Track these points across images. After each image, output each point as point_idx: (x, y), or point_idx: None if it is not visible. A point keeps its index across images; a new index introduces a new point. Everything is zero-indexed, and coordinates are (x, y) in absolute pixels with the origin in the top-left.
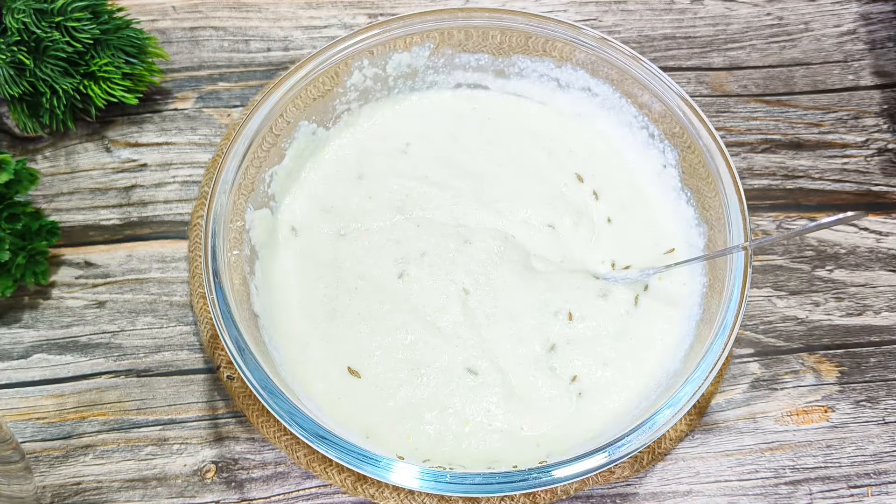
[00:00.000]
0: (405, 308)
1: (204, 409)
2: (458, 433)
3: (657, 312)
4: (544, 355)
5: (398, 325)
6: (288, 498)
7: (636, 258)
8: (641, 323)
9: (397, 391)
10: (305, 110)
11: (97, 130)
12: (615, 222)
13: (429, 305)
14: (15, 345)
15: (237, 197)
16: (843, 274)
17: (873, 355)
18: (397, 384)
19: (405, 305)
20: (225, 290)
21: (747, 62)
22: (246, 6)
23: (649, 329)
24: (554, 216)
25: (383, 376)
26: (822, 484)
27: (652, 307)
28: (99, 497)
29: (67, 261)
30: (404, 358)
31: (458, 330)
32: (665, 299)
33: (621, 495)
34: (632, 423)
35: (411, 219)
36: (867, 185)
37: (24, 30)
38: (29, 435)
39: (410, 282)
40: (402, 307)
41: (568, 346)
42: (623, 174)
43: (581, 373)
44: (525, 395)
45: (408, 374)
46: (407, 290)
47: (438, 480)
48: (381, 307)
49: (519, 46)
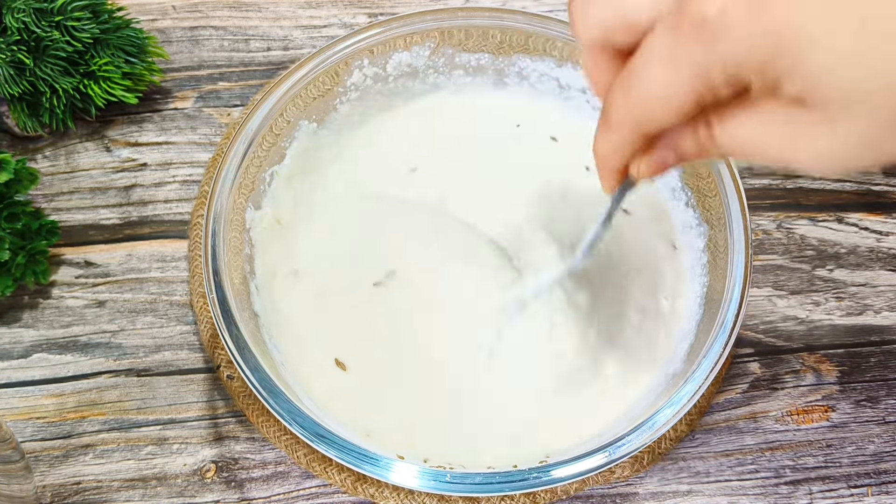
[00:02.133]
0: (406, 306)
1: (204, 409)
2: (458, 433)
3: (657, 313)
4: (545, 355)
5: (399, 325)
6: (288, 497)
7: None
8: (641, 324)
9: (397, 390)
10: (305, 110)
11: (97, 130)
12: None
13: (431, 303)
14: (15, 344)
15: (237, 196)
16: (844, 273)
17: (873, 355)
18: (397, 383)
19: (406, 303)
20: (225, 289)
21: None
22: (246, 6)
23: (649, 330)
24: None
25: (383, 375)
26: (822, 484)
27: (652, 308)
28: (99, 497)
29: (67, 260)
30: (405, 357)
31: (459, 327)
32: (665, 300)
33: (621, 495)
34: (632, 423)
35: (410, 218)
36: (867, 185)
37: (23, 29)
38: (29, 434)
39: (411, 281)
40: (403, 305)
41: (567, 348)
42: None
43: (581, 373)
44: (526, 396)
45: (408, 373)
46: (406, 288)
47: (438, 480)
48: (382, 305)
49: (519, 46)
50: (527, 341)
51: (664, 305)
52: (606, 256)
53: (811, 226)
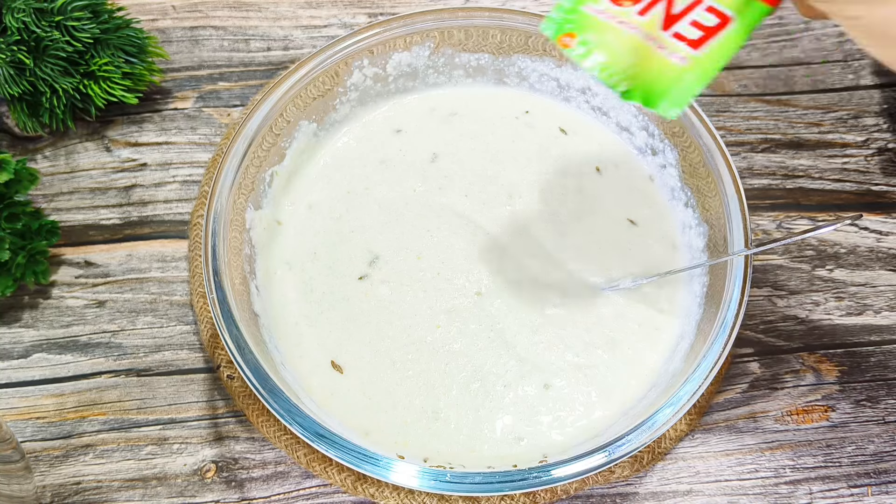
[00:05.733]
0: (405, 306)
1: (204, 409)
2: (458, 432)
3: (657, 313)
4: (544, 356)
5: (398, 324)
6: (288, 497)
7: (635, 260)
8: (641, 324)
9: (396, 389)
10: (305, 110)
11: (97, 130)
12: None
13: (431, 306)
14: (15, 344)
15: (237, 196)
16: (844, 273)
17: (873, 355)
18: (397, 383)
19: (406, 304)
20: (225, 289)
21: (747, 62)
22: (246, 5)
23: (649, 330)
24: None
25: (383, 375)
26: (822, 483)
27: (652, 308)
28: (99, 496)
29: (67, 260)
30: (405, 356)
31: (459, 331)
32: (665, 300)
33: (621, 495)
34: (631, 422)
35: (410, 219)
36: (867, 185)
37: (23, 29)
38: (29, 434)
39: (411, 282)
40: (404, 305)
41: (567, 347)
42: (622, 174)
43: (580, 373)
44: (526, 396)
45: (408, 373)
46: (407, 290)
47: (438, 480)
48: (382, 304)
49: (519, 46)
50: (521, 331)
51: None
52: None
53: (811, 226)
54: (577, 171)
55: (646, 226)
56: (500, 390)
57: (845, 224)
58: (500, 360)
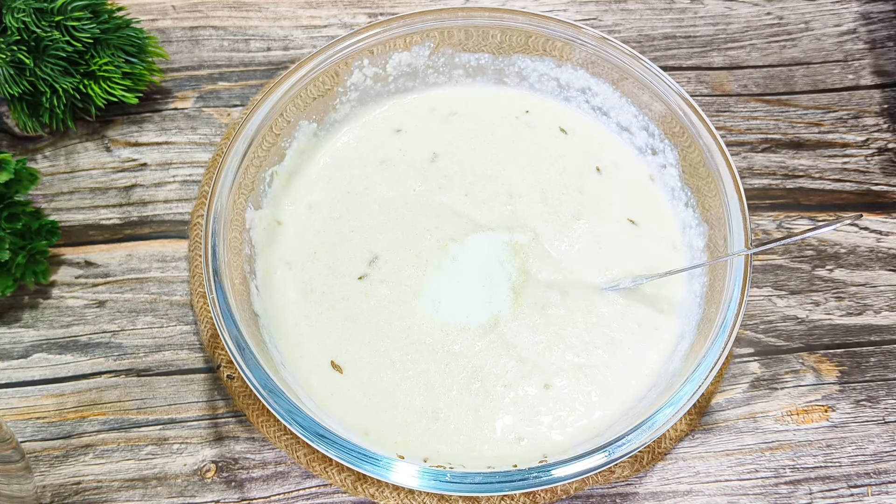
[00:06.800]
0: (405, 306)
1: (204, 409)
2: (458, 432)
3: (657, 313)
4: (544, 356)
5: (398, 324)
6: (288, 497)
7: (635, 260)
8: (641, 324)
9: (396, 389)
10: (305, 110)
11: (97, 130)
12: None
13: (431, 306)
14: (15, 344)
15: (237, 196)
16: (843, 273)
17: (873, 355)
18: (397, 383)
19: (406, 304)
20: (225, 289)
21: (747, 62)
22: (246, 5)
23: (649, 330)
24: (552, 219)
25: (383, 375)
26: (822, 483)
27: (652, 308)
28: (99, 496)
29: (67, 260)
30: (404, 356)
31: (458, 330)
32: (665, 300)
33: (621, 495)
34: (631, 422)
35: (409, 218)
36: (867, 185)
37: (23, 29)
38: (29, 434)
39: (411, 282)
40: (404, 305)
41: (567, 347)
42: (622, 174)
43: (580, 373)
44: (526, 396)
45: (408, 373)
46: (407, 290)
47: (438, 480)
48: (382, 304)
49: (519, 46)
50: (521, 331)
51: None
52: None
53: (811, 226)
54: (577, 171)
55: (646, 226)
56: (501, 390)
57: (845, 224)
58: (501, 360)
